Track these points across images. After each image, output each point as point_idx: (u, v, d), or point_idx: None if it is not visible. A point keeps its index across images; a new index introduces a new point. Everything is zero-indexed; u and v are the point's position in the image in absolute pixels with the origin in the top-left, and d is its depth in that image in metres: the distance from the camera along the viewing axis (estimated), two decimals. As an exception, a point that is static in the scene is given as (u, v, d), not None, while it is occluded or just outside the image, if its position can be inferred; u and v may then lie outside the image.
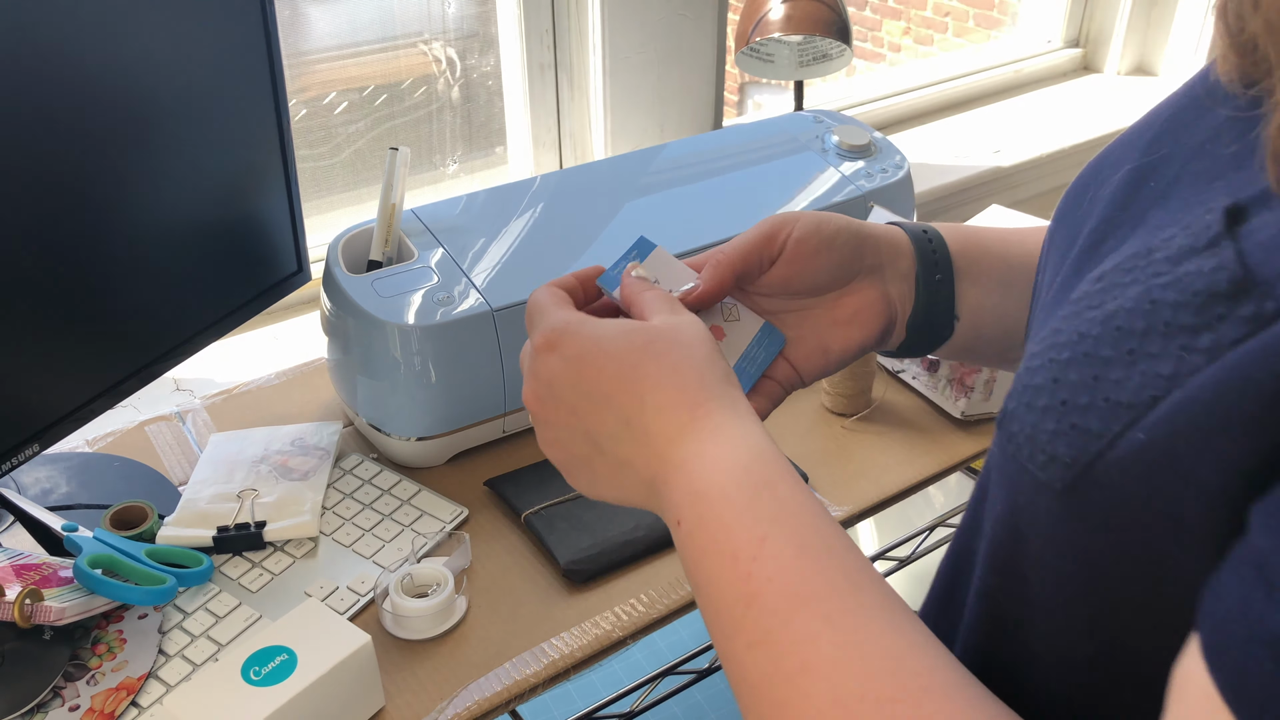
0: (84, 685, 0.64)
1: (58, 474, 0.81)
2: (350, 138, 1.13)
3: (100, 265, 0.72)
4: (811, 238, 0.52)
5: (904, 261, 0.54)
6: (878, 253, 0.54)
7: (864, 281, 0.54)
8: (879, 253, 0.54)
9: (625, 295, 0.50)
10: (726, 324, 0.54)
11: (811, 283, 0.53)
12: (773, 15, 1.20)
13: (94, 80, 0.67)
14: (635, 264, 0.52)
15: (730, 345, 0.53)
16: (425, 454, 0.82)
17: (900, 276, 0.54)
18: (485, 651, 0.69)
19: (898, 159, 1.02)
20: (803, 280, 0.53)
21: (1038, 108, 1.61)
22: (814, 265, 0.53)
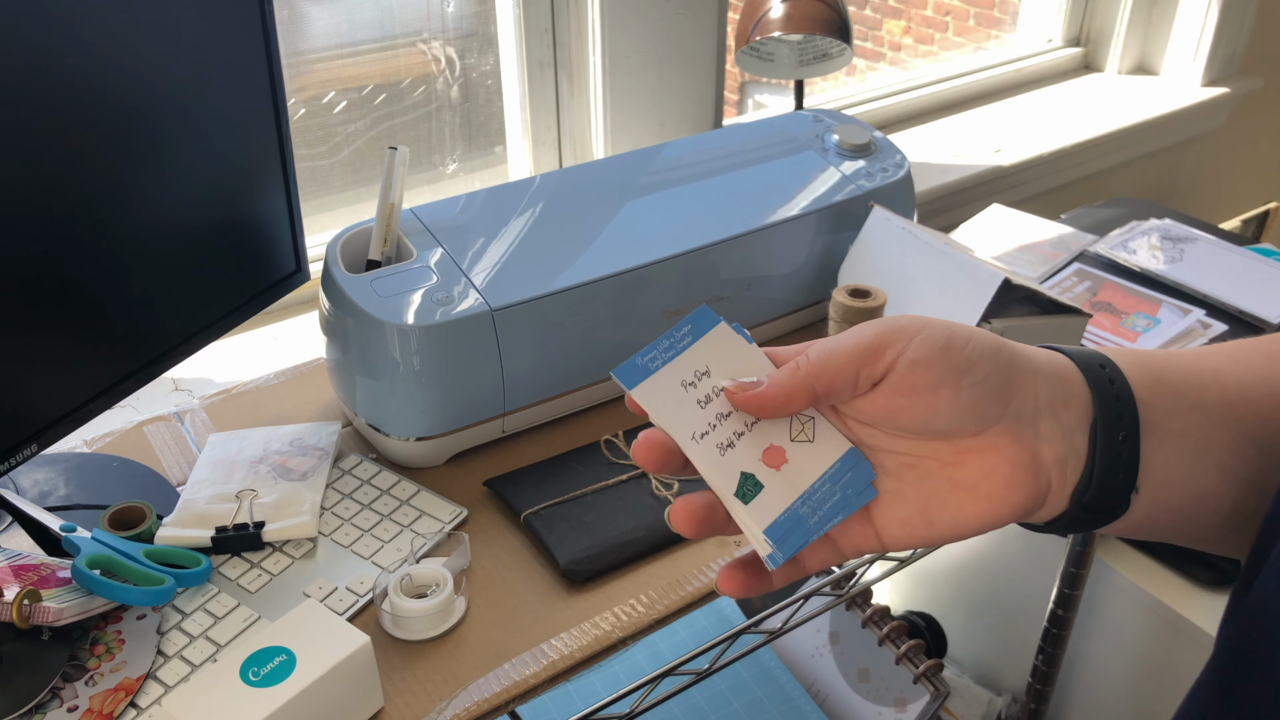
0: (82, 686, 0.64)
1: (56, 474, 0.81)
2: (349, 137, 1.13)
3: (98, 265, 0.71)
4: (935, 363, 0.38)
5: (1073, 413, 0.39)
6: (1034, 394, 0.39)
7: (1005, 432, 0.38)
8: (1035, 394, 0.39)
9: None
10: (793, 444, 0.40)
11: (926, 423, 0.38)
12: (773, 14, 1.19)
13: (91, 80, 0.67)
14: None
15: (790, 476, 0.39)
16: (424, 454, 0.82)
17: (1065, 432, 0.39)
18: (484, 652, 0.69)
19: (898, 158, 1.01)
20: (914, 418, 0.38)
21: (1038, 107, 1.61)
22: (932, 402, 0.38)
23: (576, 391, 0.86)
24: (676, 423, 0.39)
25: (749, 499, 0.39)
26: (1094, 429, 0.39)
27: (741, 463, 0.39)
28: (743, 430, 0.40)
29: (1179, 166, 1.79)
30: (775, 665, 1.27)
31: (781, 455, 0.40)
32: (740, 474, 0.39)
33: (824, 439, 0.40)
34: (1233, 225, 1.95)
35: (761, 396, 0.39)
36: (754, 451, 0.40)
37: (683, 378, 0.40)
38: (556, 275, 0.82)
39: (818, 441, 0.40)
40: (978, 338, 0.39)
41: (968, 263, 0.87)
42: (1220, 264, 1.22)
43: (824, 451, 0.40)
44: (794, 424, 0.40)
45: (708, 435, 0.39)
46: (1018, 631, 1.34)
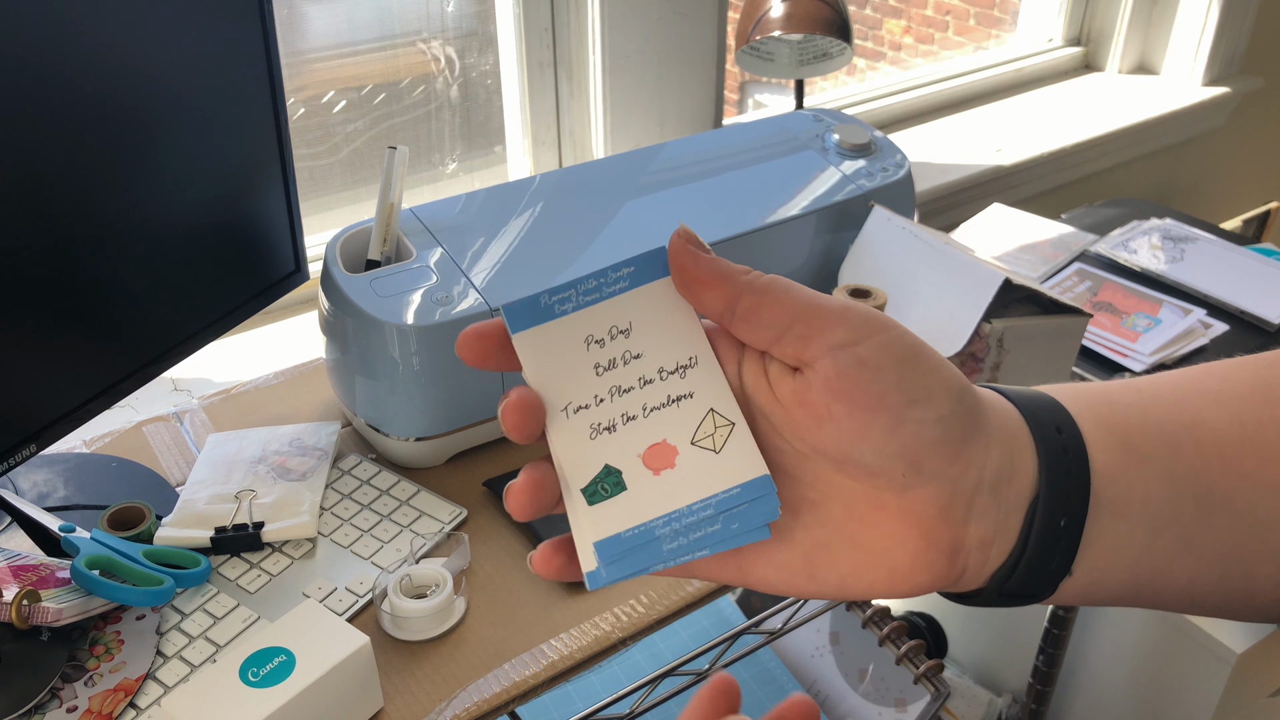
0: (82, 686, 0.64)
1: (55, 474, 0.81)
2: (348, 137, 1.13)
3: (97, 265, 0.71)
4: (885, 374, 0.31)
5: (1017, 487, 0.32)
6: (982, 462, 0.32)
7: (934, 502, 0.32)
8: (984, 463, 0.32)
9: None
10: (692, 447, 0.32)
11: (850, 447, 0.31)
12: (773, 13, 1.19)
13: (90, 79, 0.67)
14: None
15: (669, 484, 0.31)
16: (424, 454, 0.82)
17: (1001, 511, 0.32)
18: (484, 652, 0.68)
19: (898, 158, 1.01)
20: (839, 435, 0.31)
21: (1039, 106, 1.61)
22: (866, 422, 0.31)
23: (576, 391, 0.86)
24: (552, 385, 0.32)
25: (597, 499, 0.32)
26: (1032, 510, 0.33)
27: (611, 454, 0.32)
28: (635, 415, 0.32)
29: (1180, 166, 1.79)
30: (775, 666, 1.27)
31: (670, 457, 0.32)
32: (603, 466, 0.32)
33: (734, 453, 0.31)
34: (1234, 225, 1.95)
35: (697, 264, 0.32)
36: (636, 444, 0.32)
37: (591, 330, 0.33)
38: (556, 275, 0.82)
39: (724, 454, 0.31)
40: (946, 370, 0.32)
41: (968, 262, 0.87)
42: (1221, 264, 1.22)
43: (727, 468, 0.31)
44: (705, 422, 0.32)
45: (586, 410, 0.32)
46: (1018, 632, 1.34)
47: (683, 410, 0.32)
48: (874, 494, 0.32)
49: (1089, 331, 1.10)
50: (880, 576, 0.32)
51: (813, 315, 0.31)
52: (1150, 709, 1.23)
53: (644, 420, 0.32)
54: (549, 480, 0.33)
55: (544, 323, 0.33)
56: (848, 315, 0.31)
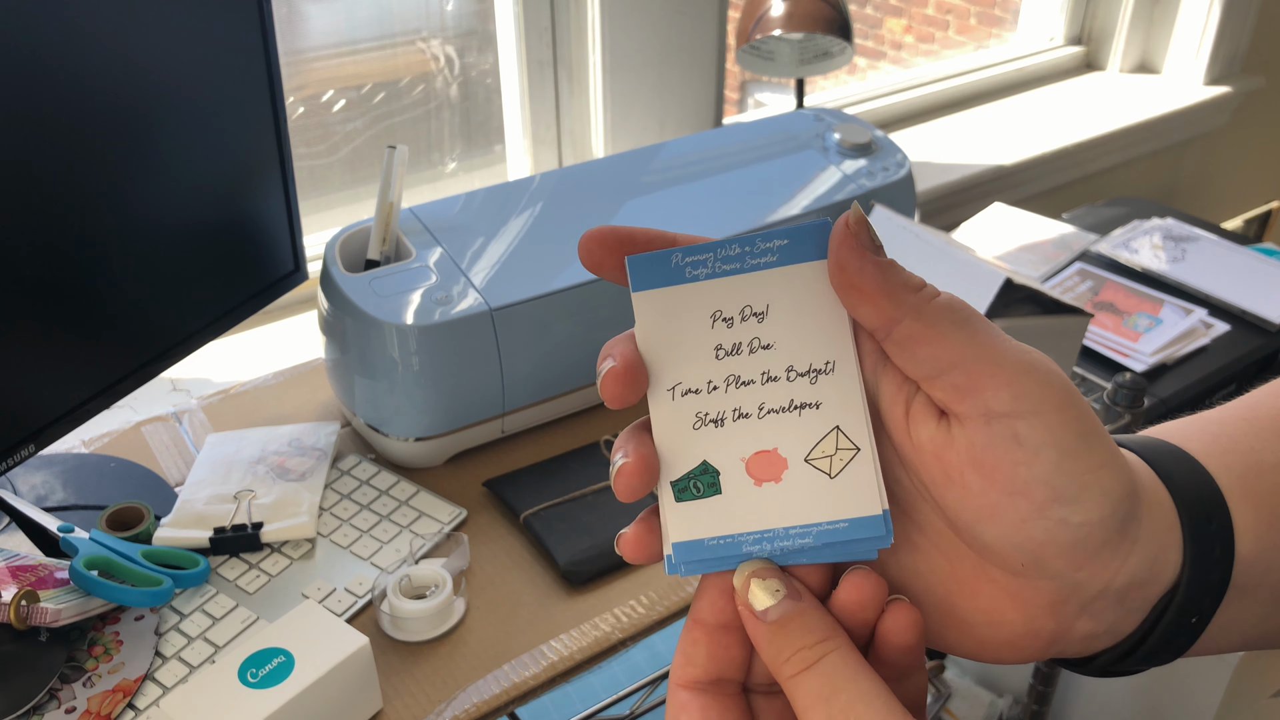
0: (80, 687, 0.64)
1: (53, 475, 0.81)
2: (348, 136, 1.13)
3: (95, 265, 0.71)
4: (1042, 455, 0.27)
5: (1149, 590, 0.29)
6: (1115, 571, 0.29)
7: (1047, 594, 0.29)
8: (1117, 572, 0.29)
9: None
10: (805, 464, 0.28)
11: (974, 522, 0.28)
12: (773, 12, 1.19)
13: (89, 78, 0.67)
14: None
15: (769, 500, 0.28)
16: (423, 454, 0.82)
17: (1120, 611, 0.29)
18: (484, 653, 0.68)
19: (899, 157, 1.01)
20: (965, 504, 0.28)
21: (1040, 106, 1.61)
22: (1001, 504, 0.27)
23: (576, 391, 0.85)
24: (664, 358, 0.29)
25: (687, 497, 0.29)
26: (1161, 607, 0.29)
27: (713, 451, 0.29)
28: (749, 413, 0.29)
29: (1181, 166, 1.78)
30: (776, 665, 1.26)
31: (777, 470, 0.28)
32: (700, 462, 0.29)
33: (851, 483, 0.28)
34: (1235, 225, 1.95)
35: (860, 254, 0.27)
36: (742, 447, 0.29)
37: (721, 306, 0.29)
38: (556, 275, 0.81)
39: (839, 481, 0.28)
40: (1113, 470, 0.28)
41: (969, 262, 0.87)
42: (1222, 263, 1.22)
43: (840, 497, 0.28)
44: (827, 440, 0.28)
45: (694, 395, 0.29)
46: (1019, 632, 1.34)
47: (804, 420, 0.28)
48: (983, 573, 0.29)
49: (1090, 331, 1.10)
50: (967, 644, 0.30)
51: (979, 366, 0.27)
52: (1151, 709, 1.23)
53: (757, 421, 0.29)
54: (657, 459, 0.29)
55: (671, 285, 0.29)
56: (1018, 375, 0.27)
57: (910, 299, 0.27)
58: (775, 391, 0.29)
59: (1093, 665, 0.31)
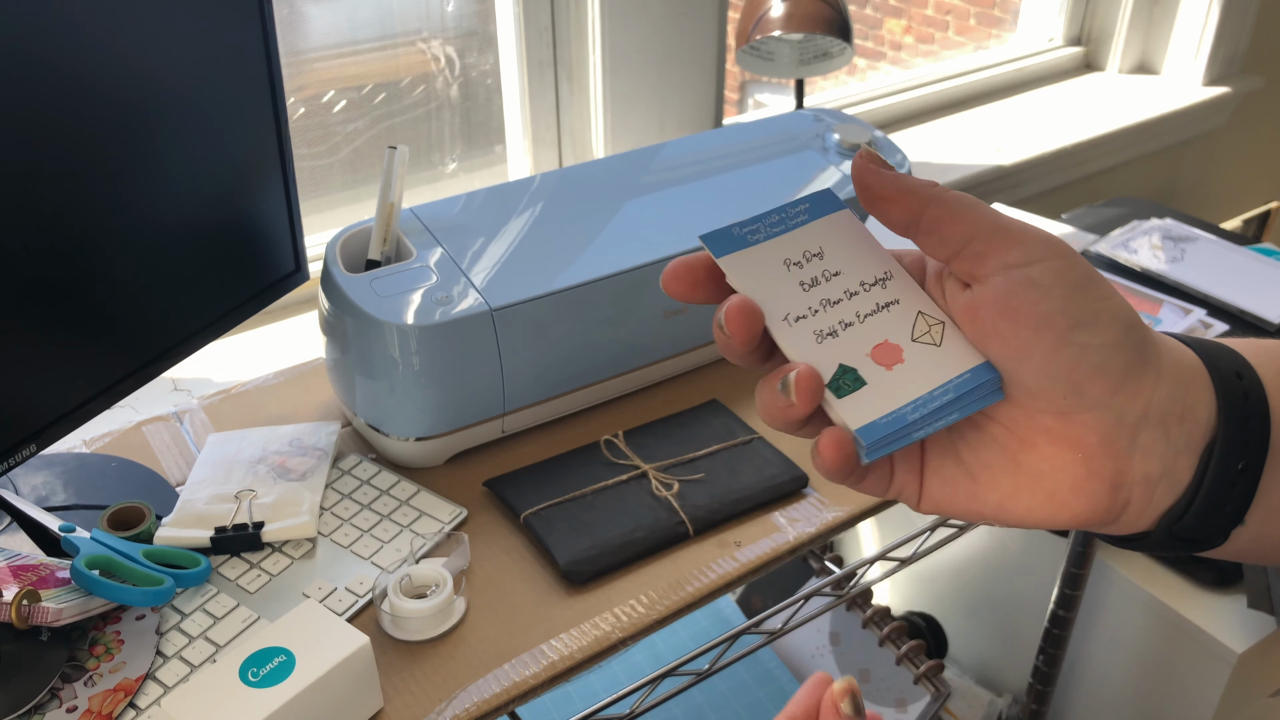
0: (81, 686, 0.64)
1: (54, 474, 0.81)
2: (348, 136, 1.13)
3: (96, 264, 0.71)
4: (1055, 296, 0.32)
5: (1189, 427, 0.33)
6: (1148, 396, 0.32)
7: (1095, 429, 0.32)
8: (1150, 397, 0.32)
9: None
10: (914, 344, 0.35)
11: (1014, 364, 0.33)
12: (773, 13, 1.19)
13: (90, 79, 0.67)
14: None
15: (902, 377, 0.34)
16: (424, 454, 0.82)
17: (1170, 449, 0.33)
18: (484, 653, 0.68)
19: (899, 158, 1.01)
20: (1004, 349, 0.33)
21: (1039, 106, 1.61)
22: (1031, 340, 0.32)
23: (576, 391, 0.86)
24: (770, 300, 0.35)
25: (844, 393, 0.34)
26: (1208, 453, 0.33)
27: (842, 354, 0.35)
28: (851, 321, 0.35)
29: (1180, 166, 1.79)
30: (775, 666, 1.27)
31: (897, 354, 0.35)
32: (838, 365, 0.35)
33: (953, 346, 0.34)
34: (1234, 225, 1.95)
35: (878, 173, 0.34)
36: (862, 345, 0.35)
37: (787, 255, 0.36)
38: (556, 275, 0.82)
39: (944, 347, 0.35)
40: (1117, 302, 0.33)
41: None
42: (1221, 264, 1.22)
43: (952, 358, 0.34)
44: (919, 322, 0.35)
45: (804, 319, 0.35)
46: (1018, 632, 1.34)
47: (893, 314, 0.36)
48: (1036, 417, 0.33)
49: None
50: (1038, 501, 0.33)
51: (992, 234, 0.33)
52: (1150, 709, 1.23)
53: (861, 325, 0.35)
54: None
55: (742, 249, 0.37)
56: (1025, 237, 0.33)
57: (927, 191, 0.34)
58: (861, 301, 0.36)
59: (1157, 531, 0.34)
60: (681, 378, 0.93)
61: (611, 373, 0.87)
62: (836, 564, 1.16)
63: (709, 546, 0.76)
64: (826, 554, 1.33)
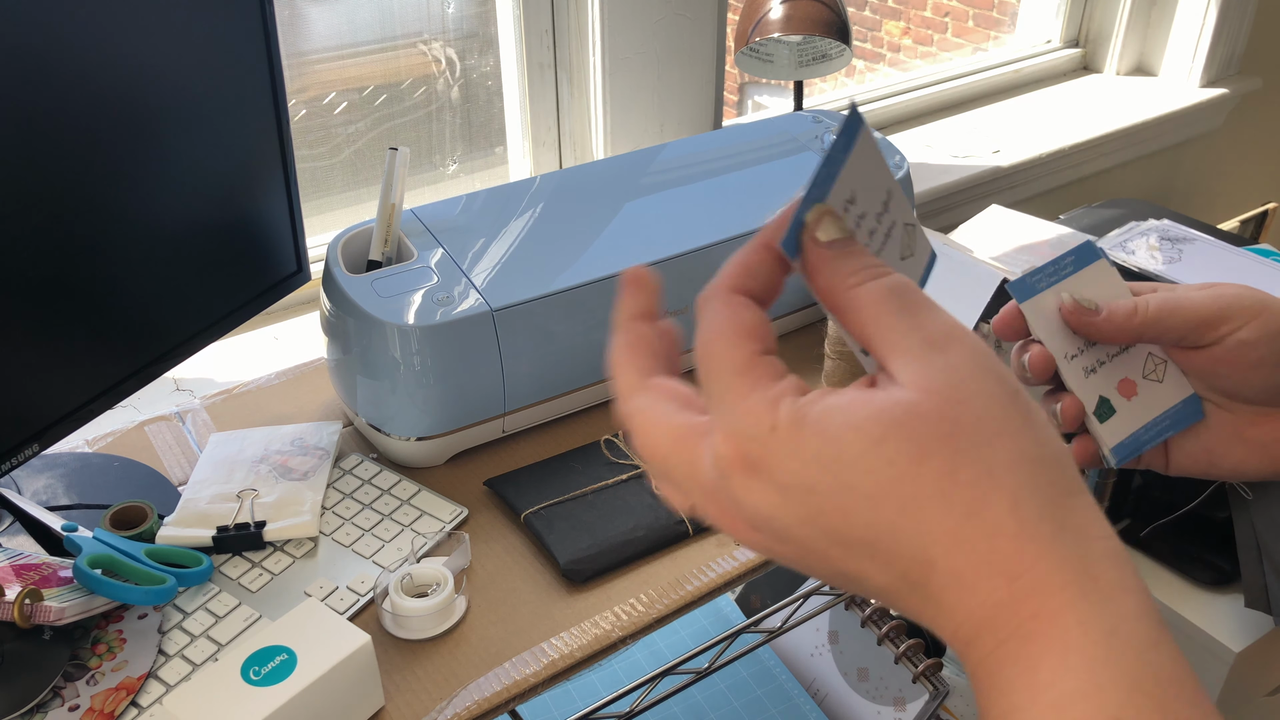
0: (84, 685, 0.64)
1: (57, 474, 0.81)
2: (350, 138, 1.13)
3: (99, 265, 0.72)
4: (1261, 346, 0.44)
5: None
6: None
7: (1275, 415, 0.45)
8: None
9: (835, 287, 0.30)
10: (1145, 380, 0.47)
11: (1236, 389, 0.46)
12: (772, 15, 1.20)
13: (92, 81, 0.67)
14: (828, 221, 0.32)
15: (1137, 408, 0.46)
16: (425, 454, 0.82)
17: None
18: (485, 651, 0.69)
19: (897, 159, 1.02)
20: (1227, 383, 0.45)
21: (1037, 108, 1.61)
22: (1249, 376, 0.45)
23: (576, 391, 0.86)
24: (1054, 340, 0.47)
25: (1104, 419, 0.47)
26: None
27: (1100, 387, 0.47)
28: (1104, 359, 0.47)
29: (1177, 167, 1.79)
30: (775, 664, 1.27)
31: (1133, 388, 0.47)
32: (1099, 397, 0.47)
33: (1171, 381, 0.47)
34: (1231, 226, 1.95)
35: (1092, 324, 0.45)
36: (1111, 380, 0.47)
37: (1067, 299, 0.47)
38: (556, 275, 0.82)
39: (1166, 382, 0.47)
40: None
41: (967, 263, 0.88)
42: (1219, 264, 1.23)
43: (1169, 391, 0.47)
44: (1148, 363, 0.47)
45: (1076, 358, 0.47)
46: (1017, 631, 1.34)
47: (1130, 354, 0.47)
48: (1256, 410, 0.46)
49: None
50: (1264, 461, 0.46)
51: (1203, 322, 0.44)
52: (1148, 708, 1.23)
53: (1110, 363, 0.47)
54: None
55: (1034, 295, 0.46)
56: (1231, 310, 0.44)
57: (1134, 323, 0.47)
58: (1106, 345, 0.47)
59: None
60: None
61: (611, 373, 0.87)
62: (835, 564, 1.16)
63: (708, 546, 0.77)
64: (825, 554, 1.33)
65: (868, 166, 0.33)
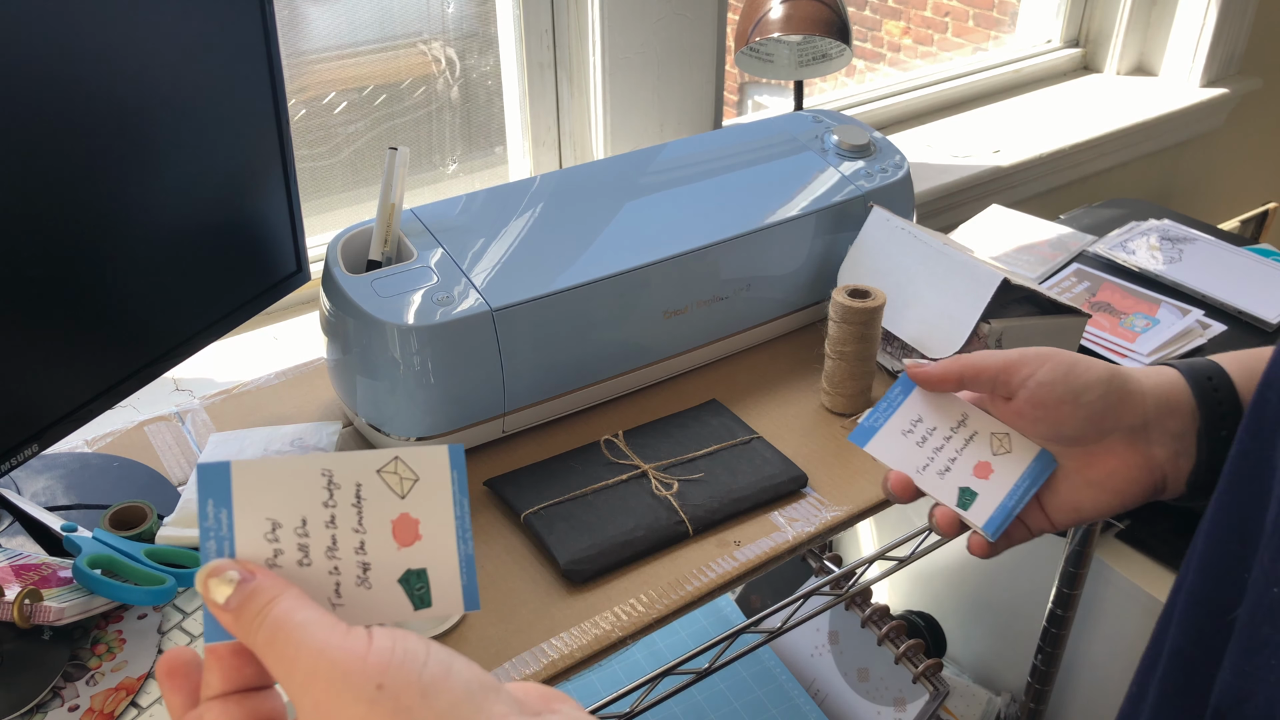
0: (83, 685, 0.64)
1: (56, 474, 0.81)
2: (349, 138, 1.13)
3: (99, 265, 0.72)
4: (1056, 385, 0.49)
5: (1178, 420, 0.49)
6: (1142, 411, 0.49)
7: (1121, 441, 0.49)
8: (1143, 411, 0.49)
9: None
10: (996, 457, 0.52)
11: (1056, 430, 0.50)
12: (772, 15, 1.20)
13: (92, 81, 0.67)
14: None
15: (996, 484, 0.52)
16: (425, 454, 0.82)
17: (1172, 436, 0.49)
18: (484, 652, 0.69)
19: (897, 159, 1.02)
20: (1046, 426, 0.50)
21: (1037, 107, 1.61)
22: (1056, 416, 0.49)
23: (576, 391, 0.86)
24: (905, 462, 0.54)
25: (968, 506, 0.53)
26: (1200, 431, 0.48)
27: (958, 480, 0.53)
28: (955, 456, 0.53)
29: (1178, 167, 1.79)
30: (775, 664, 1.27)
31: (988, 468, 0.52)
32: (959, 489, 0.53)
33: (1019, 447, 0.52)
34: (1231, 225, 1.96)
35: (925, 372, 0.52)
36: (966, 471, 0.53)
37: (902, 427, 0.54)
38: (556, 275, 0.82)
39: (1015, 451, 0.52)
40: (1095, 368, 0.50)
41: (967, 263, 0.88)
42: (1219, 264, 1.23)
43: (1020, 457, 0.52)
44: (993, 441, 0.53)
45: (929, 466, 0.54)
46: (1017, 631, 1.34)
47: (976, 442, 0.53)
48: (1086, 451, 0.50)
49: (1087, 332, 1.11)
50: (1111, 497, 0.50)
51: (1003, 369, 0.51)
52: (1148, 708, 1.23)
53: (961, 457, 0.54)
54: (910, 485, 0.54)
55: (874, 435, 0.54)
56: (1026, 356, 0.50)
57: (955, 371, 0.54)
58: (955, 441, 0.54)
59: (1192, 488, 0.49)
60: (681, 378, 0.94)
61: (611, 373, 0.87)
62: (835, 563, 1.16)
63: (708, 546, 0.77)
64: (825, 553, 1.34)
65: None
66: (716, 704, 1.23)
